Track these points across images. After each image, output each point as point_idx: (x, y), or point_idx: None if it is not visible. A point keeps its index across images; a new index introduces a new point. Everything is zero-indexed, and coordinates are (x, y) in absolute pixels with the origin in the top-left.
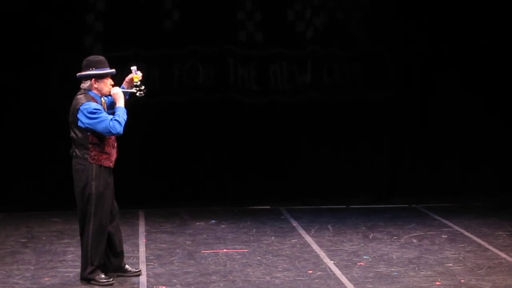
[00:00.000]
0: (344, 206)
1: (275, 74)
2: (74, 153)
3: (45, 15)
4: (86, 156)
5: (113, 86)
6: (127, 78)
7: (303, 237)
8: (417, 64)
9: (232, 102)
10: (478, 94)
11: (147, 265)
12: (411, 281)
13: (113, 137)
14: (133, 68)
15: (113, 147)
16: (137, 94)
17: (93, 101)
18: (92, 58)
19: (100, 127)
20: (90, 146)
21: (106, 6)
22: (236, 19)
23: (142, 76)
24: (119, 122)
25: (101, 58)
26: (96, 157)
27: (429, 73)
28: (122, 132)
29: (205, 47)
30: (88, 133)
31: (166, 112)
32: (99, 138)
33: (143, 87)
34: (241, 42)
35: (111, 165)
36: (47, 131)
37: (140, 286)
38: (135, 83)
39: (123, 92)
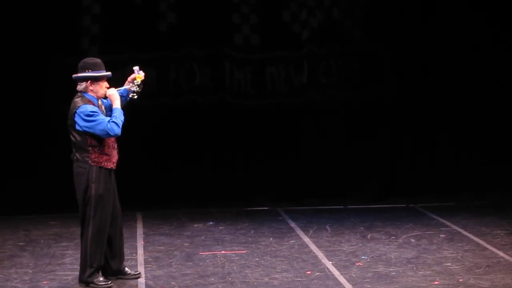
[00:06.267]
0: (342, 207)
1: (272, 76)
2: (75, 157)
3: (41, 18)
4: (87, 159)
5: (108, 88)
6: (129, 78)
7: (301, 238)
8: (414, 62)
9: (229, 104)
10: (477, 92)
11: (145, 267)
12: (410, 280)
13: (112, 139)
14: (136, 68)
15: (113, 148)
16: (130, 95)
17: (89, 104)
18: (89, 60)
19: (98, 129)
20: (89, 148)
21: (102, 9)
22: (232, 21)
23: (145, 76)
24: (116, 124)
25: (98, 60)
26: (96, 159)
27: (427, 72)
28: (120, 133)
29: (202, 49)
30: (87, 136)
31: (163, 114)
32: (98, 140)
33: (137, 88)
34: (237, 45)
35: (113, 166)
36: (44, 134)
37: None
38: (136, 83)
39: (121, 91)
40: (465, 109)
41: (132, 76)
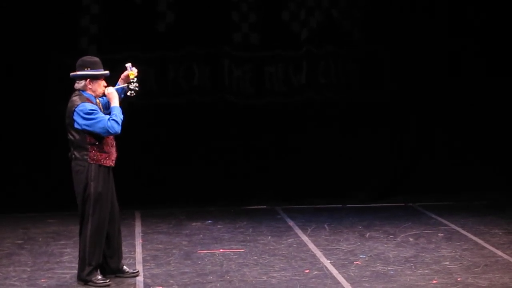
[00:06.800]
0: (341, 205)
1: (271, 75)
2: (73, 156)
3: (40, 18)
4: (86, 157)
5: (106, 87)
6: (122, 75)
7: (299, 237)
8: (413, 62)
9: (228, 103)
10: (476, 93)
11: (143, 265)
12: (408, 279)
13: (111, 136)
14: (128, 65)
15: (112, 146)
16: (128, 93)
17: (88, 102)
18: (87, 58)
19: (98, 128)
20: (88, 147)
21: (101, 8)
22: (231, 20)
23: (138, 72)
24: (116, 122)
25: (96, 59)
26: (95, 158)
27: (426, 72)
28: (120, 131)
29: (200, 49)
30: (86, 134)
31: (162, 113)
32: (97, 138)
33: (135, 86)
34: (236, 44)
35: (112, 164)
36: (42, 133)
37: (137, 287)
38: (131, 80)
39: (118, 88)
40: (465, 109)
41: (125, 73)
